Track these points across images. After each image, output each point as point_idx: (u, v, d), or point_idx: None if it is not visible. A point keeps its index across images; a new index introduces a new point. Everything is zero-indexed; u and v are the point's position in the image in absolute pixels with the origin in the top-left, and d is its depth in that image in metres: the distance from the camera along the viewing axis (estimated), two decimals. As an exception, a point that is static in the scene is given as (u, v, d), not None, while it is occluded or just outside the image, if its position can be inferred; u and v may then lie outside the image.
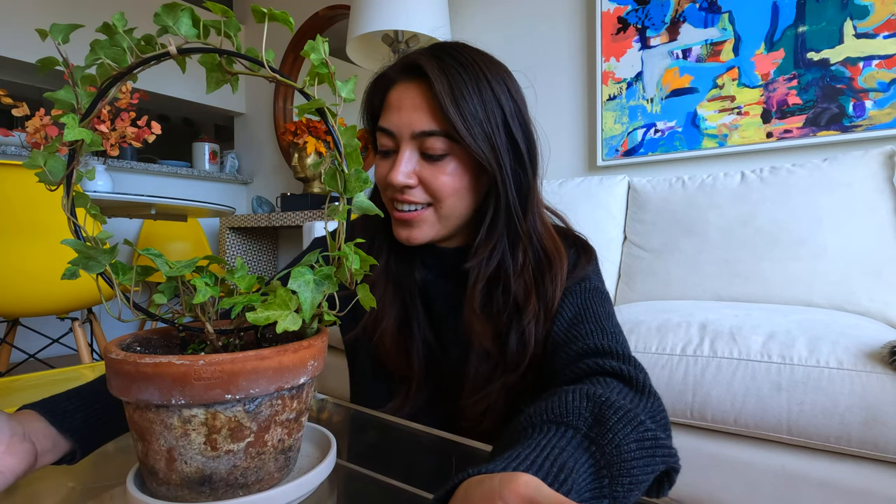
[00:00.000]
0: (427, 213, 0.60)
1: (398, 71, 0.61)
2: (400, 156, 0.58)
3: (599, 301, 0.61)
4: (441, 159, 0.58)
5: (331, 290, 0.37)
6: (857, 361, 0.77)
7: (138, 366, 0.31)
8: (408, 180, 0.57)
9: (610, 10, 1.75)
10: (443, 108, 0.55)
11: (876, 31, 1.33)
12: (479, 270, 0.60)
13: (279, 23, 0.36)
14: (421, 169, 0.58)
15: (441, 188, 0.58)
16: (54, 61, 0.34)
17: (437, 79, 0.55)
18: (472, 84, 0.57)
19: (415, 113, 0.57)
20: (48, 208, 1.51)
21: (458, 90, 0.56)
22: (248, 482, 0.35)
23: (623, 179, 1.59)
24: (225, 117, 3.61)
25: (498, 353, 0.60)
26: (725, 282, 1.25)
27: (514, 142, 0.59)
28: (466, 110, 0.55)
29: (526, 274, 0.60)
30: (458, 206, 0.60)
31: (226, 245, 2.59)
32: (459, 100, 0.55)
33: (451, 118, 0.55)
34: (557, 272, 0.60)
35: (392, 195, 0.60)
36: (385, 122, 0.60)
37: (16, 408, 0.43)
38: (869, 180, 1.19)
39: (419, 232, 0.61)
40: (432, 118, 0.57)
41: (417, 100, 0.57)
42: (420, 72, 0.57)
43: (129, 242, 0.40)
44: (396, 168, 0.57)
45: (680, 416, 0.89)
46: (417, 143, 0.58)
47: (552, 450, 0.34)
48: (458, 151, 0.58)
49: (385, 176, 0.60)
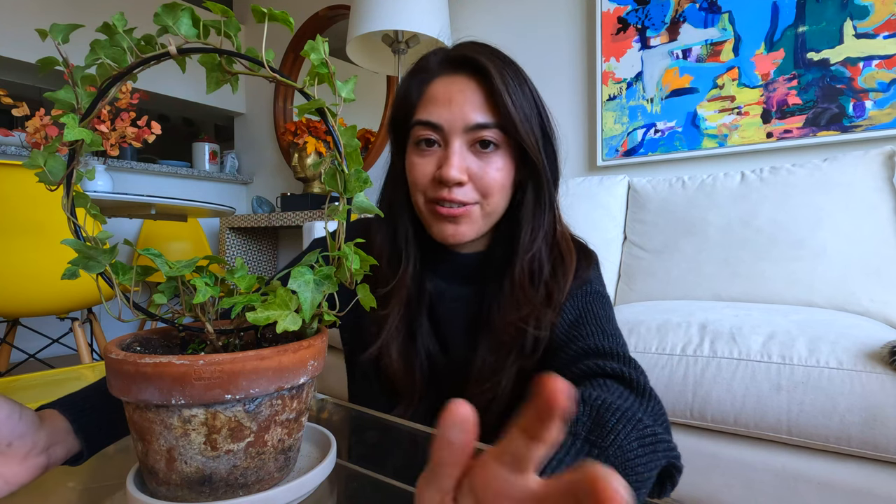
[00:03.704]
0: (474, 210, 0.59)
1: (441, 65, 0.60)
2: (451, 149, 0.57)
3: (600, 304, 0.61)
4: (490, 154, 0.58)
5: (331, 290, 0.37)
6: (857, 361, 0.77)
7: (138, 366, 0.31)
8: (462, 175, 0.57)
9: (610, 10, 1.75)
10: (501, 101, 0.56)
11: (876, 31, 1.33)
12: (523, 265, 0.60)
13: (279, 23, 0.36)
14: (470, 164, 0.58)
15: (491, 183, 0.58)
16: (54, 61, 0.34)
17: (496, 72, 0.56)
18: (518, 80, 0.58)
19: (467, 106, 0.57)
20: (48, 208, 1.51)
21: (511, 85, 0.57)
22: (248, 482, 0.35)
23: (623, 179, 1.59)
24: (225, 117, 3.61)
25: (514, 342, 0.60)
26: (725, 282, 1.25)
27: (546, 137, 0.60)
28: (519, 104, 0.57)
29: (550, 269, 0.61)
30: (500, 203, 0.60)
31: (226, 245, 2.59)
32: (514, 94, 0.57)
33: (510, 111, 0.56)
34: (569, 268, 0.61)
35: (438, 194, 0.58)
36: (430, 116, 0.58)
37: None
38: (869, 180, 1.19)
39: (466, 228, 0.60)
40: (487, 111, 0.57)
41: (469, 93, 0.57)
42: (471, 65, 0.58)
43: (129, 242, 0.40)
44: (450, 163, 0.56)
45: (680, 416, 0.89)
46: (468, 136, 0.57)
47: (550, 462, 0.34)
48: (505, 146, 0.59)
49: (429, 173, 0.59)
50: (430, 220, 0.61)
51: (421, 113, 0.59)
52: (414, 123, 0.60)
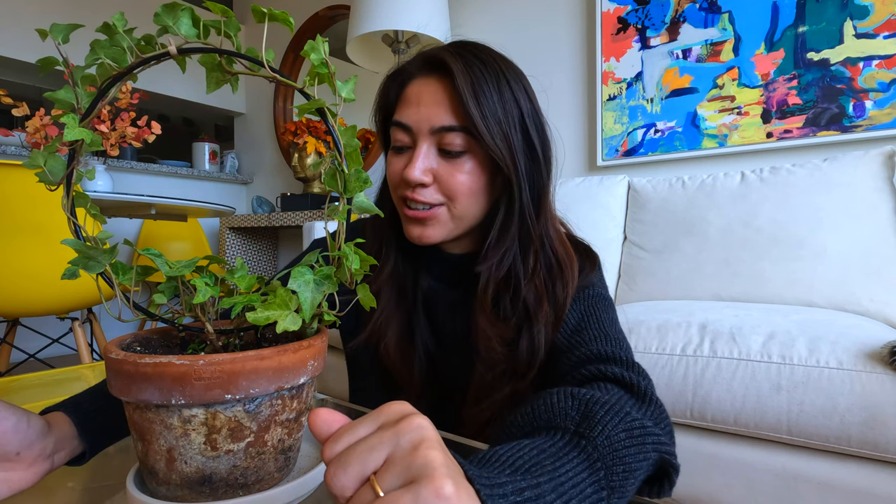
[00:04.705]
0: (441, 212, 0.59)
1: (418, 66, 0.60)
2: (417, 151, 0.57)
3: (603, 308, 0.60)
4: (458, 157, 0.57)
5: (331, 290, 0.37)
6: (857, 361, 0.77)
7: (138, 366, 0.31)
8: (424, 177, 0.56)
9: (610, 10, 1.75)
10: (464, 104, 0.54)
11: (876, 31, 1.33)
12: (490, 274, 0.59)
13: (279, 23, 0.36)
14: (438, 166, 0.57)
15: (457, 187, 0.57)
16: (54, 61, 0.34)
17: (459, 74, 0.55)
18: (493, 82, 0.56)
19: (434, 108, 0.56)
20: (48, 208, 1.51)
21: (480, 87, 0.55)
22: (248, 482, 0.35)
23: (623, 179, 1.59)
24: (225, 117, 3.61)
25: (506, 360, 0.59)
26: (725, 282, 1.25)
27: (530, 142, 0.58)
28: (486, 107, 0.55)
29: (537, 279, 0.59)
30: (472, 207, 0.59)
31: (226, 245, 2.59)
32: (480, 96, 0.55)
33: (472, 114, 0.54)
34: (569, 278, 0.60)
35: (404, 193, 0.59)
36: (401, 117, 0.58)
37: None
38: (869, 180, 1.19)
39: (432, 231, 0.59)
40: (452, 114, 0.56)
41: (438, 95, 0.56)
42: (442, 67, 0.57)
43: (129, 242, 0.40)
44: (413, 164, 0.56)
45: (680, 416, 0.89)
46: (435, 139, 0.57)
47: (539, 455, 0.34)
48: (476, 150, 0.57)
49: (399, 172, 0.58)
50: (403, 219, 0.61)
51: (397, 114, 0.59)
52: (392, 124, 0.60)
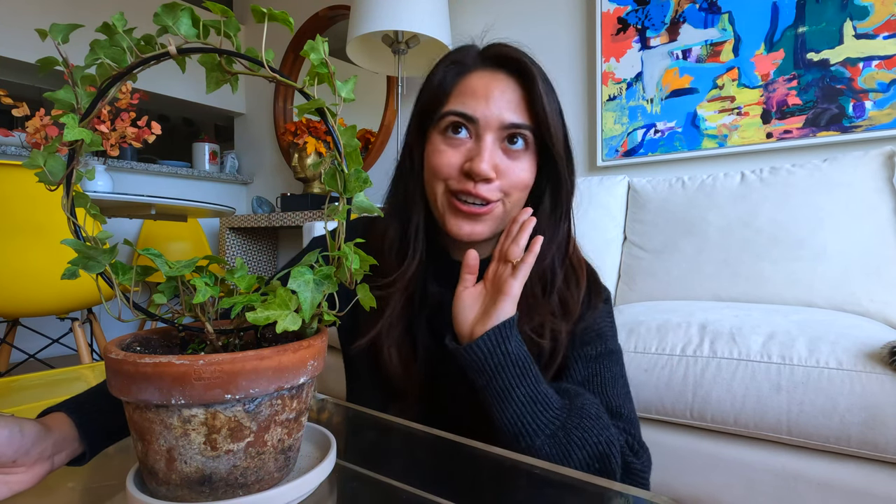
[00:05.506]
0: (497, 207, 0.59)
1: (479, 59, 0.61)
2: (483, 144, 0.57)
3: (608, 365, 0.61)
4: (519, 154, 0.59)
5: (331, 290, 0.37)
6: (856, 362, 0.77)
7: (138, 366, 0.31)
8: (491, 172, 0.57)
9: (610, 10, 1.75)
10: (540, 105, 0.57)
11: (876, 31, 1.33)
12: (536, 273, 0.60)
13: (279, 23, 0.36)
14: (499, 161, 0.58)
15: (516, 182, 0.59)
16: (54, 61, 0.34)
17: (539, 77, 0.58)
18: (551, 88, 0.60)
19: (506, 104, 0.57)
20: (48, 208, 1.51)
21: (547, 90, 0.58)
22: (248, 482, 0.35)
23: (623, 180, 1.59)
24: (225, 117, 3.60)
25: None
26: (725, 282, 1.25)
27: (568, 148, 0.62)
28: (553, 110, 0.58)
29: (562, 278, 0.62)
30: (519, 203, 0.61)
31: (226, 245, 2.59)
32: (549, 99, 0.58)
33: (547, 116, 0.57)
34: (581, 282, 0.62)
35: (463, 187, 0.58)
36: (466, 108, 0.58)
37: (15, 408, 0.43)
38: (869, 181, 1.19)
39: (482, 227, 0.59)
40: (523, 112, 0.58)
41: (509, 93, 0.58)
42: (514, 65, 0.59)
43: (129, 242, 0.40)
44: (482, 157, 0.56)
45: (680, 417, 0.89)
46: (500, 134, 0.58)
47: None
48: (531, 149, 0.60)
49: (455, 164, 0.58)
50: (447, 213, 0.60)
51: (455, 104, 0.59)
52: (446, 113, 0.59)
